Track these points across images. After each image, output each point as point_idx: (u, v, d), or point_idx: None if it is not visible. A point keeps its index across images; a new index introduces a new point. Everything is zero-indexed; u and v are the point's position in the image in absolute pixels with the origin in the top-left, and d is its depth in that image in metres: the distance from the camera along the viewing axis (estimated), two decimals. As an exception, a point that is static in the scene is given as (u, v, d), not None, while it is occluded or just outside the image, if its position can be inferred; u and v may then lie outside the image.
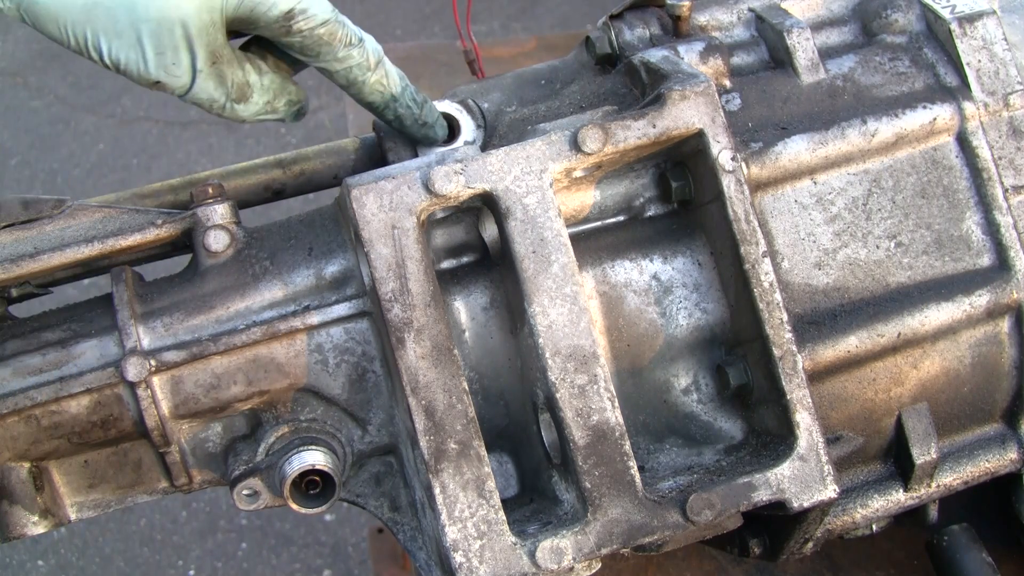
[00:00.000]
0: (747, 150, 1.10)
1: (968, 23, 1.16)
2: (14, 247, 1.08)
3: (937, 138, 1.15)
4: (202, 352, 1.05)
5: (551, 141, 1.02)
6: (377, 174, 1.02)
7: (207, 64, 1.05)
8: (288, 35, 1.06)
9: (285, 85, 1.12)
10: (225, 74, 1.07)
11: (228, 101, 1.08)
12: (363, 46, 1.10)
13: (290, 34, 1.06)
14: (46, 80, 4.28)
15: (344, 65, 1.09)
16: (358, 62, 1.10)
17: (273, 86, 1.11)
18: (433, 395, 0.99)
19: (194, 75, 1.05)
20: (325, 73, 1.11)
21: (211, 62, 1.05)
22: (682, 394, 1.11)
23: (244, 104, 1.09)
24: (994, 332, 1.14)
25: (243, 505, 1.07)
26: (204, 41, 1.03)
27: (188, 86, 1.05)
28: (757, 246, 1.03)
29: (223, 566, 3.06)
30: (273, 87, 1.11)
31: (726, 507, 1.00)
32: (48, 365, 1.06)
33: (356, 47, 1.09)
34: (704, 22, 1.21)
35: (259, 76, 1.10)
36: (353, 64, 1.09)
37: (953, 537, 1.24)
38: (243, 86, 1.08)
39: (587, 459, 0.99)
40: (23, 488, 1.08)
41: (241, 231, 1.11)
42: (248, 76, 1.09)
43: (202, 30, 1.02)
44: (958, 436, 1.18)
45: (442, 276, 1.08)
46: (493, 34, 4.30)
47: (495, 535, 0.98)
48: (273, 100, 1.12)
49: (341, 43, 1.08)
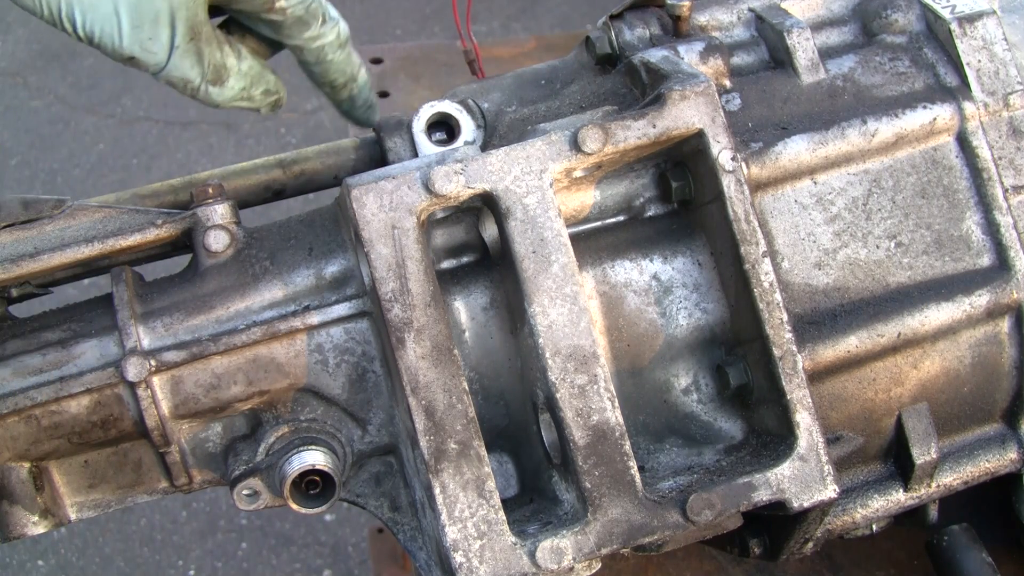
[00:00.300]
0: (747, 150, 1.10)
1: (968, 23, 1.16)
2: (14, 247, 1.08)
3: (937, 138, 1.15)
4: (202, 352, 1.05)
5: (551, 141, 1.02)
6: (377, 174, 1.02)
7: (185, 40, 1.02)
8: (271, 11, 1.05)
9: (263, 73, 1.11)
10: (203, 52, 1.04)
11: (203, 83, 1.06)
12: (336, 24, 1.10)
13: (273, 11, 1.05)
14: (46, 80, 4.28)
15: (318, 43, 1.09)
16: (330, 40, 1.09)
17: (251, 72, 1.09)
18: (433, 395, 0.99)
19: (171, 52, 1.02)
20: (295, 51, 1.10)
21: (189, 38, 1.02)
22: (682, 394, 1.11)
23: (219, 87, 1.07)
24: (994, 332, 1.14)
25: (243, 505, 1.07)
26: (185, 15, 1.01)
27: (163, 64, 1.03)
28: (757, 246, 1.03)
29: (223, 566, 3.07)
30: (251, 74, 1.09)
31: (726, 507, 1.00)
32: (48, 365, 1.06)
33: (329, 24, 1.09)
34: (704, 22, 1.21)
35: (237, 61, 1.08)
36: (326, 42, 1.09)
37: (953, 537, 1.24)
38: (220, 68, 1.06)
39: (587, 459, 0.99)
40: (23, 488, 1.08)
41: (241, 231, 1.11)
42: (226, 59, 1.07)
43: (184, 3, 1.00)
44: (958, 436, 1.18)
45: (442, 276, 1.08)
46: (493, 34, 4.30)
47: (495, 535, 0.98)
48: (250, 87, 1.10)
49: (318, 21, 1.08)
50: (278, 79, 1.13)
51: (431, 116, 1.19)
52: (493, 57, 2.12)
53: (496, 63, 2.06)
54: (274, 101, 1.14)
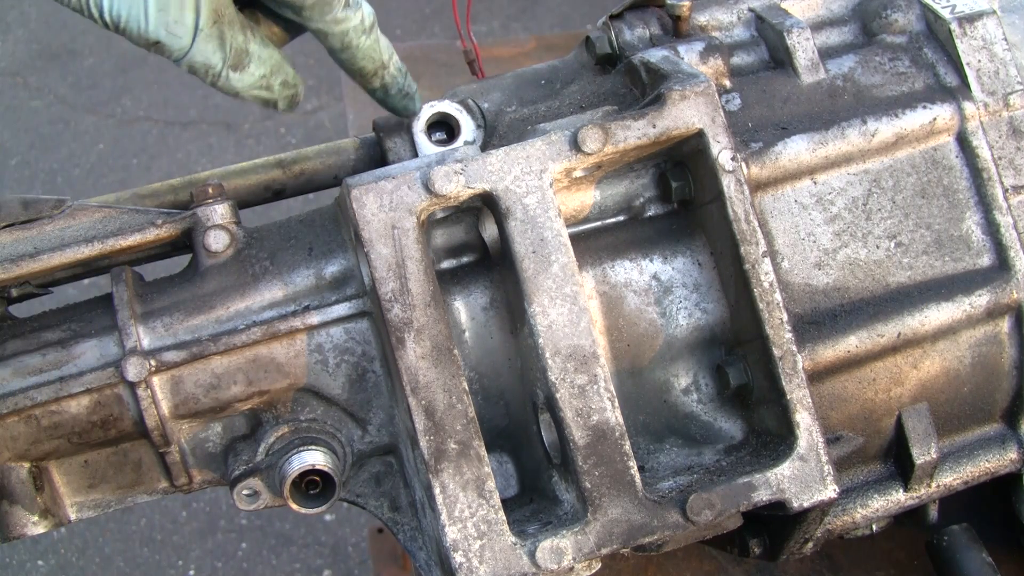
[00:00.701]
0: (747, 150, 1.10)
1: (968, 23, 1.16)
2: (14, 247, 1.08)
3: (937, 138, 1.15)
4: (202, 352, 1.05)
5: (551, 141, 1.02)
6: (377, 174, 1.02)
7: (209, 23, 1.01)
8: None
9: (283, 65, 1.10)
10: (225, 35, 1.04)
11: (225, 68, 1.04)
12: (360, 9, 1.09)
13: None
14: (46, 80, 4.28)
15: (341, 27, 1.07)
16: (354, 24, 1.08)
17: (272, 61, 1.08)
18: (433, 395, 0.99)
19: (195, 35, 1.01)
20: (320, 35, 1.08)
21: (213, 20, 1.02)
22: (682, 394, 1.11)
23: (240, 73, 1.06)
24: (994, 332, 1.14)
25: (243, 505, 1.07)
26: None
27: (187, 48, 1.02)
28: (757, 246, 1.03)
29: (223, 566, 3.07)
30: (272, 62, 1.08)
31: (726, 507, 1.00)
32: (48, 365, 1.06)
33: (353, 8, 1.08)
34: (704, 22, 1.21)
35: (260, 47, 1.08)
36: (350, 26, 1.08)
37: (953, 537, 1.24)
38: (241, 52, 1.05)
39: (587, 459, 0.99)
40: (23, 488, 1.08)
41: (241, 231, 1.11)
42: (248, 44, 1.06)
43: None
44: (958, 436, 1.18)
45: (442, 276, 1.08)
46: (493, 34, 4.30)
47: (495, 535, 0.98)
48: (270, 76, 1.08)
49: (340, 3, 1.07)
50: (296, 73, 1.12)
51: (431, 116, 1.19)
52: (493, 57, 2.12)
53: (496, 63, 2.06)
54: (291, 95, 1.12)
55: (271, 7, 1.09)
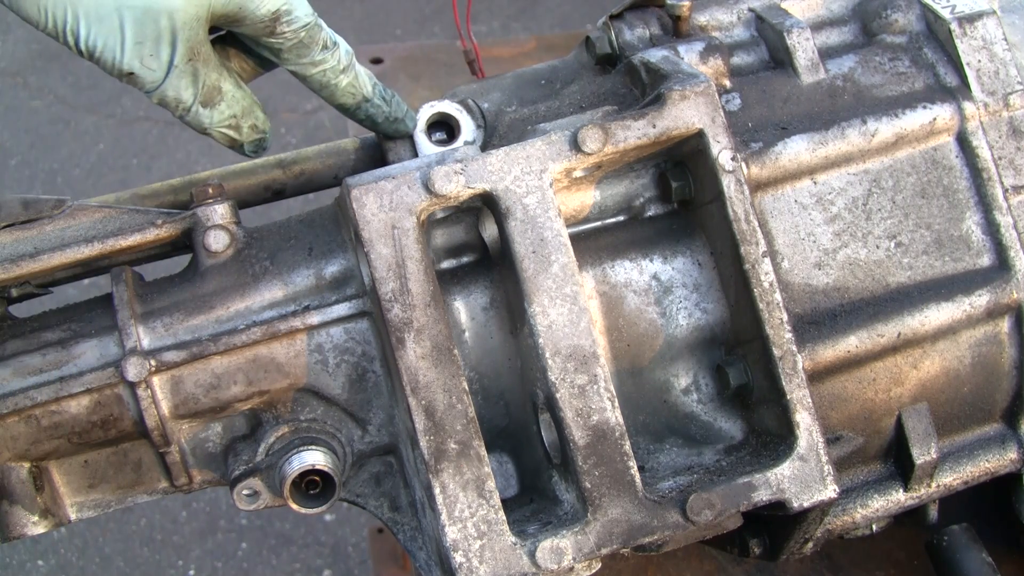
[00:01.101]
0: (747, 150, 1.10)
1: (968, 23, 1.16)
2: (14, 247, 1.08)
3: (937, 138, 1.15)
4: (202, 352, 1.05)
5: (551, 141, 1.02)
6: (377, 174, 1.02)
7: (183, 60, 1.03)
8: (271, 35, 1.06)
9: (254, 108, 1.12)
10: (199, 73, 1.05)
11: (195, 104, 1.06)
12: (337, 49, 1.10)
13: (273, 35, 1.05)
14: (46, 80, 4.28)
15: (319, 68, 1.09)
16: (331, 65, 1.10)
17: (244, 102, 1.11)
18: (433, 395, 0.99)
19: (169, 70, 1.03)
20: (298, 76, 1.10)
21: (188, 58, 1.03)
22: (682, 394, 1.11)
23: (210, 109, 1.08)
24: (994, 332, 1.14)
25: (243, 505, 1.07)
26: (186, 35, 1.02)
27: (160, 81, 1.04)
28: (757, 246, 1.03)
29: (223, 566, 3.06)
30: (243, 103, 1.10)
31: (726, 507, 1.00)
32: (48, 365, 1.06)
33: (331, 50, 1.09)
34: (704, 22, 1.21)
35: (233, 87, 1.09)
36: (327, 67, 1.10)
37: (953, 537, 1.24)
38: (213, 90, 1.07)
39: (587, 459, 0.99)
40: (23, 488, 1.08)
41: (241, 231, 1.11)
42: (222, 82, 1.08)
43: (187, 23, 1.01)
44: (958, 436, 1.18)
45: (442, 276, 1.08)
46: (493, 34, 4.30)
47: (495, 535, 0.98)
48: (240, 116, 1.11)
49: (318, 46, 1.08)
50: (267, 119, 1.14)
51: (431, 116, 1.19)
52: (493, 57, 2.12)
53: (496, 63, 2.06)
54: (259, 140, 1.14)
55: (249, 45, 1.10)
